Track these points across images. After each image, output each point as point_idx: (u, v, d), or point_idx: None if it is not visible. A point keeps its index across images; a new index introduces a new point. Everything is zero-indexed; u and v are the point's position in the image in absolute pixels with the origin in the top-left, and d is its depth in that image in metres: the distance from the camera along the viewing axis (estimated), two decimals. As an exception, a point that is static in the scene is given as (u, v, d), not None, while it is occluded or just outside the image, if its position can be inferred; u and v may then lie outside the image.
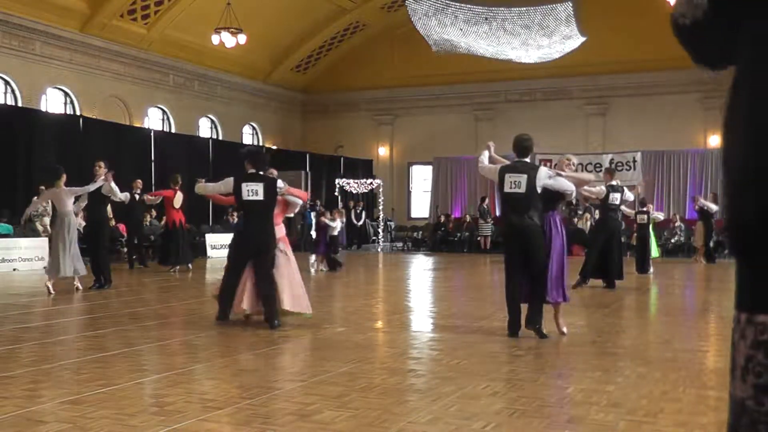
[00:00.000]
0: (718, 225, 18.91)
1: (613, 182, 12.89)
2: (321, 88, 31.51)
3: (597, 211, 14.82)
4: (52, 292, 11.26)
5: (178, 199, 16.21)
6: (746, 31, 1.38)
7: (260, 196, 8.33)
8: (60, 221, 11.59)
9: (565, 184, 7.64)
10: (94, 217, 11.98)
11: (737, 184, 1.36)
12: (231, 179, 8.53)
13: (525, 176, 7.34)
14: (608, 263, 12.59)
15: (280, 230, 8.81)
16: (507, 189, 7.40)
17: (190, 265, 16.33)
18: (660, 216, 18.40)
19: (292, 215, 11.31)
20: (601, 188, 12.58)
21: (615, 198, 12.63)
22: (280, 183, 8.68)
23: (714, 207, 18.63)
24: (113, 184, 11.84)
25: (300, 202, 9.32)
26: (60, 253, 11.35)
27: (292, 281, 8.49)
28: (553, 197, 7.62)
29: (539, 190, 7.36)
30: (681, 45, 1.51)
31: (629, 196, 13.43)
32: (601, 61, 26.10)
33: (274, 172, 9.03)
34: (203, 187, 9.04)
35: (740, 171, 1.35)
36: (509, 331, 7.50)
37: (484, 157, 8.06)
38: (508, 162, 7.89)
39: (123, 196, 15.98)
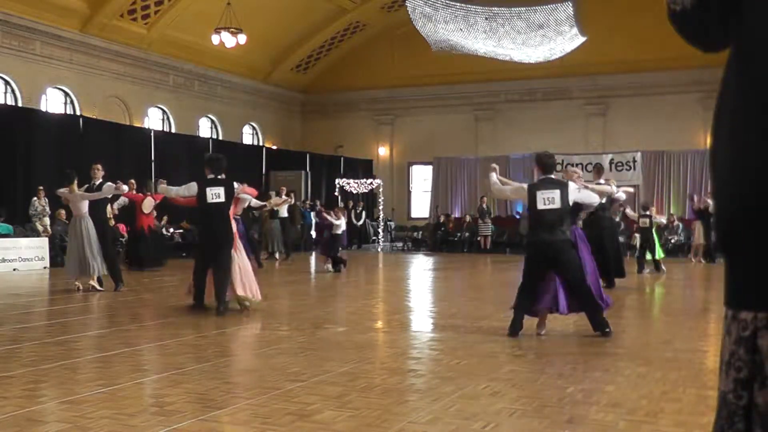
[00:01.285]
0: None
1: (601, 180, 12.84)
2: (321, 88, 31.50)
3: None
4: (81, 288, 11.56)
5: (147, 204, 16.27)
6: (738, 25, 1.40)
7: (222, 198, 9.40)
8: (75, 224, 11.75)
9: (592, 197, 7.84)
10: (94, 219, 11.98)
11: (721, 183, 1.38)
12: (194, 184, 9.52)
13: (558, 191, 7.42)
14: (604, 262, 12.57)
15: (234, 226, 9.95)
16: (541, 206, 7.40)
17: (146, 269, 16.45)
18: (663, 220, 18.36)
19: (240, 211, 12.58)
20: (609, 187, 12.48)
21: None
22: (235, 184, 9.77)
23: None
24: (124, 186, 12.12)
25: (250, 197, 10.87)
26: (79, 254, 11.51)
27: (243, 270, 9.50)
28: (575, 210, 7.77)
29: (571, 204, 7.49)
30: (674, 29, 1.54)
31: (621, 195, 13.37)
32: (601, 61, 26.10)
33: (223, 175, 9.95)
34: (166, 189, 9.95)
35: (724, 170, 1.37)
36: (510, 330, 7.52)
37: (495, 178, 8.11)
38: (514, 183, 8.14)
39: (123, 201, 16.02)
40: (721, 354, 1.42)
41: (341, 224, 16.08)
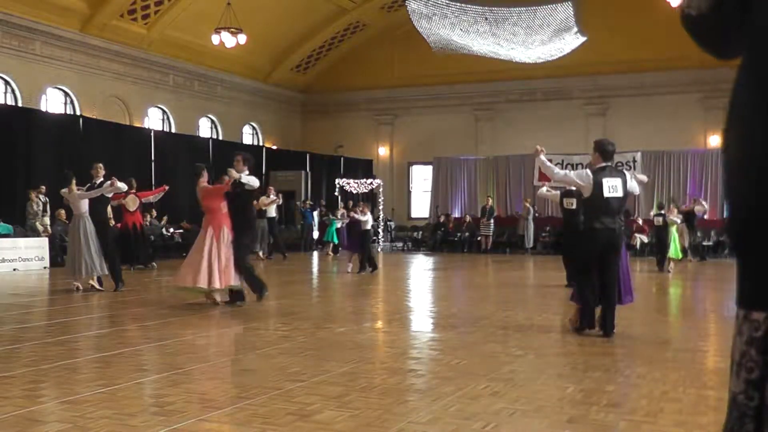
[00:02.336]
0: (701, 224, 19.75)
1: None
2: (321, 88, 31.50)
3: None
4: (81, 287, 11.53)
5: (129, 202, 16.27)
6: (749, 26, 1.39)
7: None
8: (74, 224, 11.74)
9: (636, 187, 7.88)
10: (95, 219, 11.99)
11: (733, 184, 1.37)
12: (255, 179, 10.27)
13: (620, 180, 7.49)
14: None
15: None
16: (607, 194, 7.39)
17: (142, 266, 16.46)
18: (677, 220, 18.47)
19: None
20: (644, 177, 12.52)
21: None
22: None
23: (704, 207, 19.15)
24: (119, 183, 12.05)
25: None
26: (77, 254, 11.49)
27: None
28: None
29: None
30: (688, 33, 1.53)
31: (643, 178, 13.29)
32: (601, 61, 26.10)
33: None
34: (254, 180, 10.33)
35: (735, 171, 1.36)
36: (583, 325, 7.56)
37: (549, 163, 7.89)
38: (556, 167, 8.07)
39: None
40: (732, 354, 1.41)
41: (368, 219, 15.98)
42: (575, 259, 8.33)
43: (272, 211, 19.69)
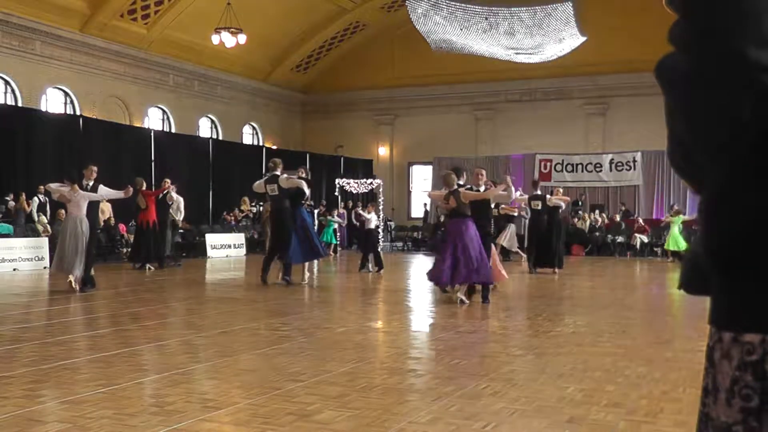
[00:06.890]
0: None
1: (537, 191, 16.36)
2: (321, 88, 31.50)
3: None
4: (75, 286, 11.39)
5: (140, 200, 16.28)
6: None
7: None
8: (72, 223, 11.68)
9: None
10: (90, 219, 11.95)
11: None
12: None
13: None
14: (548, 254, 15.81)
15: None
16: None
17: (151, 266, 16.34)
18: (688, 218, 20.83)
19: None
20: (524, 196, 15.99)
21: (536, 204, 16.06)
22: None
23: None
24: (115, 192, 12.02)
25: None
26: (67, 251, 11.45)
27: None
28: None
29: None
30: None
31: (558, 202, 16.26)
32: (601, 61, 26.10)
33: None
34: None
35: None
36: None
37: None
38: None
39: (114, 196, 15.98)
40: (715, 379, 1.27)
41: (372, 218, 16.16)
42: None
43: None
